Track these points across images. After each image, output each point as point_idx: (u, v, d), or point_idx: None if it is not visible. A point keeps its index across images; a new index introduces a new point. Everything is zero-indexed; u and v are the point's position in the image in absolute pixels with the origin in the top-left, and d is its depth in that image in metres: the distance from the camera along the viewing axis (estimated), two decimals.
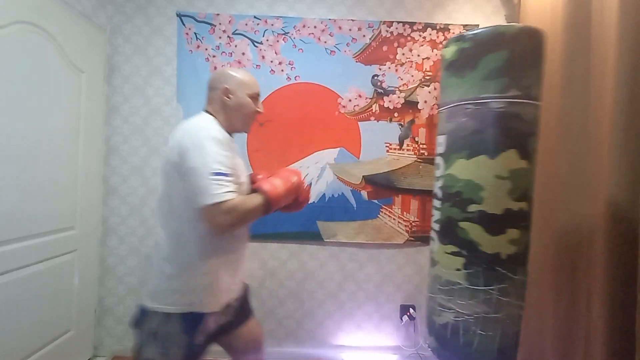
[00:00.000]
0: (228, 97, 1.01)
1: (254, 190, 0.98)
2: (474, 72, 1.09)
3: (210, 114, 1.01)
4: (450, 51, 1.16)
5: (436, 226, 1.25)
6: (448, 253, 1.18)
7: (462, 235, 1.14)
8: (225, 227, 0.88)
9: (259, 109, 1.06)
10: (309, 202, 1.85)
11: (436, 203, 1.26)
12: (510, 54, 1.04)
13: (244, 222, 0.94)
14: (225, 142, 0.92)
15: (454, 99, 1.15)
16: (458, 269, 1.15)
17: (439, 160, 1.25)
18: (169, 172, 0.93)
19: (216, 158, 0.87)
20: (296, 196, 1.05)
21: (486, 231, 1.10)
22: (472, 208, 1.11)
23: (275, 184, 0.97)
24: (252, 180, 1.11)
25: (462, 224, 1.14)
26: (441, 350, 1.22)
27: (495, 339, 1.10)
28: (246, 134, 1.85)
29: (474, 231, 1.11)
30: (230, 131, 1.03)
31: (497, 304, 1.10)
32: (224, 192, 0.85)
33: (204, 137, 0.89)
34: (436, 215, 1.26)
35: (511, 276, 1.10)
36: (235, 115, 1.02)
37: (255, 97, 1.05)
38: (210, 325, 0.98)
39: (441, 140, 1.22)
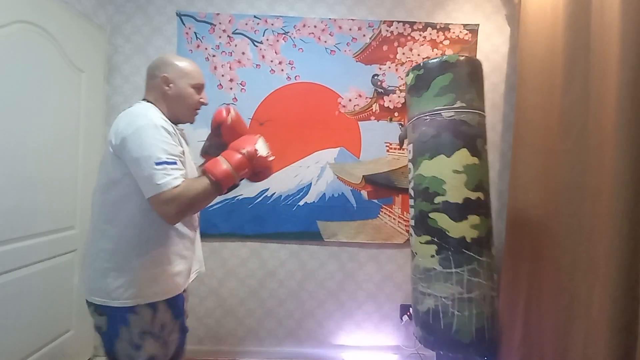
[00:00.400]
0: (168, 87, 0.97)
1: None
2: (427, 91, 1.34)
3: (150, 103, 0.98)
4: (410, 78, 1.42)
5: (412, 222, 1.42)
6: (423, 243, 1.34)
7: (432, 224, 1.30)
8: (173, 216, 0.85)
9: (202, 100, 1.02)
10: (311, 202, 1.87)
11: (411, 202, 1.44)
12: (454, 76, 1.30)
13: (194, 207, 0.90)
14: (167, 129, 0.88)
15: (415, 113, 1.38)
16: (432, 256, 1.30)
17: (410, 165, 1.44)
18: (108, 162, 0.90)
19: (158, 146, 0.84)
20: (253, 167, 0.97)
21: (451, 218, 1.27)
22: (438, 199, 1.29)
23: (219, 162, 0.90)
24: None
25: (432, 215, 1.31)
26: (427, 337, 1.33)
27: (471, 319, 1.23)
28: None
29: (441, 219, 1.28)
30: (174, 121, 0.99)
31: (469, 284, 1.25)
32: (166, 181, 0.82)
33: (144, 125, 0.85)
34: (411, 212, 1.43)
35: (478, 258, 1.25)
36: (176, 105, 0.99)
37: (198, 87, 1.01)
38: (185, 309, 1.05)
39: (410, 149, 1.43)
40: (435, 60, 1.36)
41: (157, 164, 0.82)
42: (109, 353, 0.92)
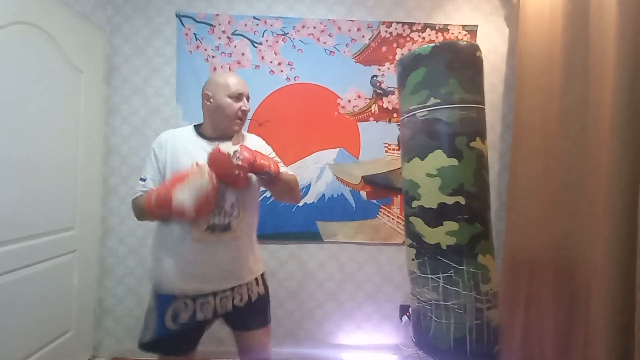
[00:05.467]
0: (209, 102, 1.07)
1: None
2: (404, 89, 1.26)
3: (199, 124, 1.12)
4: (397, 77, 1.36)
5: None
6: (407, 245, 1.33)
7: (411, 228, 1.29)
8: (137, 218, 1.05)
9: (243, 107, 1.07)
10: (310, 202, 1.87)
11: None
12: (427, 69, 1.19)
13: (141, 216, 1.03)
14: (157, 148, 1.05)
15: (401, 114, 1.35)
16: (413, 259, 1.29)
17: None
18: None
19: (145, 167, 1.07)
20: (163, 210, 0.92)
21: (426, 224, 1.23)
22: (414, 204, 1.26)
23: (161, 190, 0.93)
24: None
25: (411, 219, 1.29)
26: (413, 336, 1.37)
27: (449, 328, 1.18)
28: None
29: (418, 224, 1.25)
30: (217, 134, 1.08)
31: (445, 293, 1.19)
32: (134, 192, 1.05)
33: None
34: None
35: (456, 266, 1.18)
36: (218, 117, 1.07)
37: (235, 96, 1.05)
38: (179, 314, 1.01)
39: None
40: (409, 53, 1.25)
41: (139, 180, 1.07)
42: None
